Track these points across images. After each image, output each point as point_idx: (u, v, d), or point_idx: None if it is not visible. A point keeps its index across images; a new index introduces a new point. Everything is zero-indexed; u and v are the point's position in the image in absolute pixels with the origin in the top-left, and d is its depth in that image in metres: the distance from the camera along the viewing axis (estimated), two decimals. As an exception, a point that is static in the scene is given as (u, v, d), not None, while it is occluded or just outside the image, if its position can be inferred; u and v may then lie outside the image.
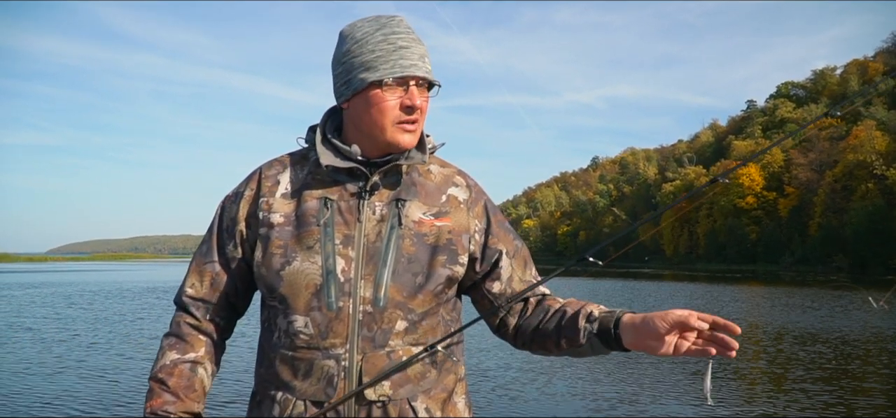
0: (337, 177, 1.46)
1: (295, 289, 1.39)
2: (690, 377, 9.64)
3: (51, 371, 9.84)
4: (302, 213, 1.44)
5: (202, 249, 1.54)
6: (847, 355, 11.60)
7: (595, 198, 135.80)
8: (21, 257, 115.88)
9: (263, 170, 1.52)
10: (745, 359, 11.35)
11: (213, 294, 1.51)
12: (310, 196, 1.45)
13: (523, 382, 9.23)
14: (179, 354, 1.48)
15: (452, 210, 1.52)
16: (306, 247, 1.40)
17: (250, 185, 1.51)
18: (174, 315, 1.55)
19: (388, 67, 1.39)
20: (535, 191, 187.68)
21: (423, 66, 1.42)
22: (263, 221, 1.45)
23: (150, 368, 1.49)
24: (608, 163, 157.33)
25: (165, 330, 1.54)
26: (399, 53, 1.40)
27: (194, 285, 1.51)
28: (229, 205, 1.52)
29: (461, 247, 1.51)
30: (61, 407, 7.75)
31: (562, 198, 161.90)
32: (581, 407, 7.93)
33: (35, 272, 53.27)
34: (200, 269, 1.52)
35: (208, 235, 1.54)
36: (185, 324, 1.51)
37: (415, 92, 1.41)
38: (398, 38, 1.41)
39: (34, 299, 23.41)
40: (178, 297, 1.54)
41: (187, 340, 1.50)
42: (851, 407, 8.01)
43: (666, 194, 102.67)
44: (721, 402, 8.16)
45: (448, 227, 1.50)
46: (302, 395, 1.39)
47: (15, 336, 13.66)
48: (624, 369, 10.20)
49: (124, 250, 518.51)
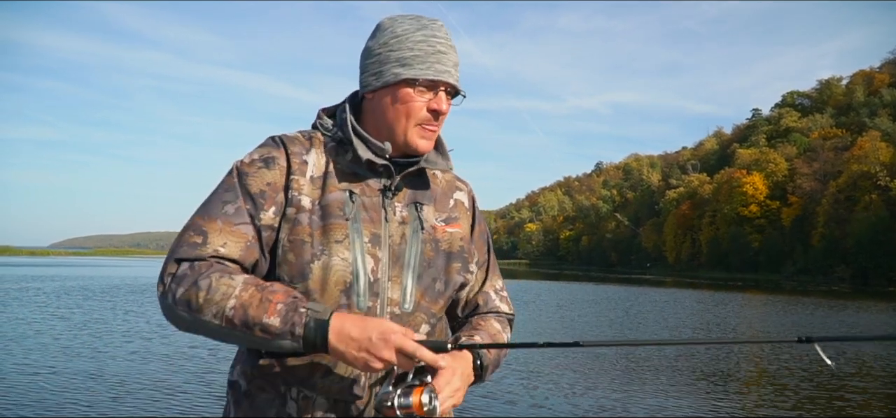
0: (359, 170, 1.44)
1: (324, 284, 1.35)
2: (691, 377, 9.58)
3: (56, 367, 9.81)
4: (328, 203, 1.39)
5: (225, 209, 1.37)
6: (846, 373, 11.53)
7: (598, 203, 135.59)
8: (23, 251, 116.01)
9: (287, 144, 1.43)
10: (743, 368, 11.29)
11: (247, 259, 1.36)
12: (334, 185, 1.41)
13: (521, 384, 9.18)
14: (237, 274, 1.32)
15: (461, 216, 1.56)
16: (335, 241, 1.36)
17: (278, 155, 1.42)
18: (194, 265, 1.31)
19: (424, 68, 1.39)
20: (538, 195, 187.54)
21: (454, 75, 1.42)
22: (293, 201, 1.38)
23: (211, 310, 1.27)
24: (612, 168, 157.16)
25: (186, 287, 1.29)
26: (436, 57, 1.40)
27: (226, 244, 1.34)
28: (257, 169, 1.40)
29: (470, 255, 1.56)
30: (65, 405, 7.72)
31: (565, 203, 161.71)
32: (580, 410, 7.89)
33: (37, 266, 53.32)
34: (231, 229, 1.35)
35: (231, 196, 1.38)
36: (223, 264, 1.33)
37: (443, 97, 1.42)
38: (438, 42, 1.41)
39: (38, 292, 23.42)
40: (199, 254, 1.32)
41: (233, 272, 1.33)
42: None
43: (669, 201, 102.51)
44: (717, 410, 8.11)
45: (459, 234, 1.53)
46: (324, 393, 1.36)
47: (17, 330, 13.66)
48: (624, 370, 10.15)
49: (126, 246, 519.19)
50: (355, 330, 1.26)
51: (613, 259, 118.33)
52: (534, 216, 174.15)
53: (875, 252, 59.64)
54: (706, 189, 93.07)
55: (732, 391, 9.45)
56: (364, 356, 1.26)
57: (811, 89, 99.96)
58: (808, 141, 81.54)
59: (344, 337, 1.26)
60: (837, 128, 79.55)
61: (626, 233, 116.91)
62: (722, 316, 21.29)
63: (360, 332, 1.26)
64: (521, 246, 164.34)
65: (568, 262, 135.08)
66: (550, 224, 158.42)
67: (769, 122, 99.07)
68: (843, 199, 68.31)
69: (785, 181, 79.51)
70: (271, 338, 1.26)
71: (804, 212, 74.69)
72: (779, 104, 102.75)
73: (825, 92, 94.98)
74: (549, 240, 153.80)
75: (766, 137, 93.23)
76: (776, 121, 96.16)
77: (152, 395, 8.07)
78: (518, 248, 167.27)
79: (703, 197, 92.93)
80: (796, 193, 76.19)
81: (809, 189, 73.75)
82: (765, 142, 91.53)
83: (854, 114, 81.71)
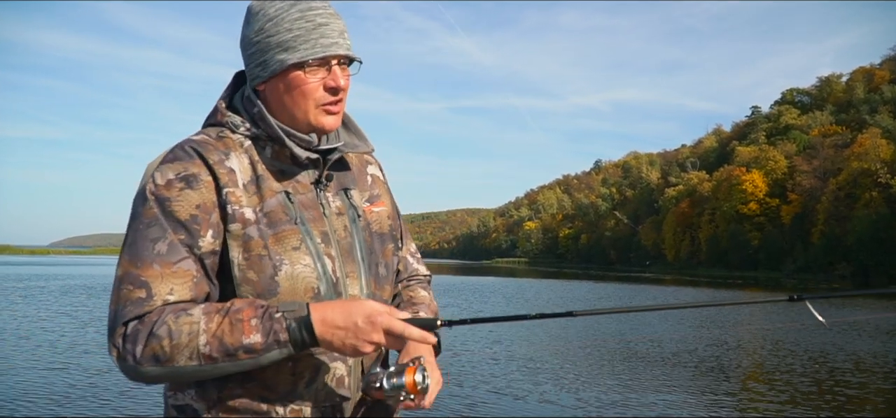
0: (285, 166, 1.35)
1: (295, 295, 1.27)
2: (691, 377, 9.65)
3: (58, 365, 9.88)
4: (271, 209, 1.29)
5: (157, 249, 1.22)
6: (846, 369, 11.60)
7: (597, 201, 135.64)
8: (24, 250, 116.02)
9: (203, 153, 1.28)
10: (744, 366, 11.37)
11: (198, 297, 1.26)
12: (269, 189, 1.31)
13: (522, 381, 9.25)
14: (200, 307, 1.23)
15: (381, 192, 1.50)
16: (292, 248, 1.28)
17: (198, 170, 1.27)
18: (143, 319, 1.20)
19: (309, 47, 1.29)
20: (537, 193, 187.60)
21: (344, 43, 1.32)
22: (235, 216, 1.26)
23: (176, 352, 1.18)
24: (611, 166, 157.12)
25: (143, 339, 1.19)
26: (319, 32, 1.30)
27: (173, 290, 1.22)
28: (179, 192, 1.25)
29: (398, 232, 1.51)
30: (77, 401, 7.78)
31: (564, 201, 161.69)
32: (579, 408, 7.96)
33: (38, 265, 53.37)
34: (172, 271, 1.22)
35: (157, 230, 1.23)
36: (179, 305, 1.23)
37: (338, 72, 1.32)
38: (316, 14, 1.31)
39: (41, 290, 23.48)
40: (146, 310, 1.21)
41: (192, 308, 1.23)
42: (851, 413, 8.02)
43: (669, 198, 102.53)
44: (719, 407, 8.17)
45: (386, 212, 1.48)
46: (312, 401, 1.30)
47: (23, 327, 13.72)
48: (623, 369, 10.21)
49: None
50: (339, 317, 1.21)
51: (612, 257, 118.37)
52: (533, 214, 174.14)
53: (876, 249, 59.70)
54: (705, 187, 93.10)
55: (735, 389, 9.51)
56: (353, 341, 1.21)
57: (811, 86, 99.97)
58: (808, 138, 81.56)
59: (329, 326, 1.21)
60: (837, 126, 79.59)
61: (626, 231, 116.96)
62: (721, 312, 21.36)
63: (344, 318, 1.21)
64: (521, 244, 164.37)
65: (567, 260, 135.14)
66: (549, 222, 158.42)
67: (769, 120, 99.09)
68: (843, 197, 68.36)
69: (785, 179, 79.54)
70: (258, 356, 1.19)
71: (804, 209, 74.74)
72: (778, 101, 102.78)
73: (825, 89, 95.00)
74: (549, 238, 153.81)
75: (766, 135, 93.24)
76: (776, 119, 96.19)
77: (159, 389, 8.13)
78: (517, 246, 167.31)
79: (703, 195, 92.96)
80: (796, 191, 76.23)
81: (809, 186, 73.80)
82: (764, 139, 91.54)
83: (854, 111, 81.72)
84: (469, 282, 39.18)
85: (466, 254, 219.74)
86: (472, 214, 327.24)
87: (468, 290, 30.97)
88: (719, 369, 10.80)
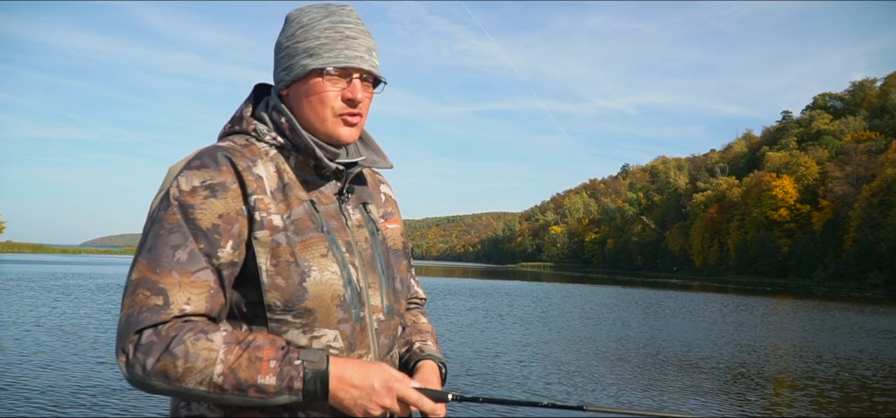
0: (309, 176, 1.37)
1: (322, 302, 1.27)
2: (686, 376, 9.62)
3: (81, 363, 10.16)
4: (298, 217, 1.31)
5: (177, 257, 1.21)
6: (883, 375, 11.47)
7: (624, 205, 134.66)
8: (57, 249, 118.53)
9: (232, 159, 1.29)
10: (777, 374, 11.29)
11: (214, 309, 1.25)
12: (296, 197, 1.33)
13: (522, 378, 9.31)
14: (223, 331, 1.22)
15: (394, 211, 1.55)
16: (320, 255, 1.29)
17: (226, 178, 1.27)
18: (159, 330, 1.18)
19: (332, 56, 1.32)
20: (563, 197, 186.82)
21: (368, 60, 1.35)
22: (263, 223, 1.27)
23: (192, 378, 1.16)
24: (639, 171, 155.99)
25: (161, 351, 1.17)
26: (345, 43, 1.33)
27: (190, 300, 1.21)
28: (203, 200, 1.24)
29: (408, 249, 1.55)
30: (121, 393, 8.02)
31: (590, 206, 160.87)
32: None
33: (72, 264, 54.53)
34: (190, 281, 1.21)
35: (178, 237, 1.22)
36: (190, 321, 1.22)
37: (357, 85, 1.34)
38: (346, 27, 1.34)
39: (79, 288, 24.05)
40: (162, 318, 1.19)
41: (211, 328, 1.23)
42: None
43: (697, 204, 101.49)
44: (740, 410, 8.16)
45: (399, 230, 1.52)
46: (338, 412, 1.29)
47: (69, 321, 14.12)
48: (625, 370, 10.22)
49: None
50: (357, 377, 1.22)
51: (639, 262, 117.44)
52: (559, 218, 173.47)
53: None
54: (735, 192, 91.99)
55: (760, 396, 9.48)
56: (364, 403, 1.22)
57: (844, 91, 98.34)
58: (841, 144, 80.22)
59: (345, 384, 1.21)
60: (871, 131, 78.16)
61: (653, 237, 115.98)
62: (749, 321, 21.17)
63: (361, 379, 1.22)
64: (546, 248, 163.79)
65: (593, 265, 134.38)
66: (575, 226, 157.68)
67: (800, 125, 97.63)
68: (876, 204, 67.12)
69: (816, 185, 78.32)
70: (268, 397, 1.18)
71: (836, 216, 73.51)
72: (810, 106, 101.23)
73: (858, 93, 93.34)
74: (575, 242, 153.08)
75: (797, 140, 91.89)
76: (807, 124, 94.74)
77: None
78: (542, 251, 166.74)
79: (732, 200, 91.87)
80: (828, 197, 74.99)
81: (842, 193, 72.55)
82: (795, 144, 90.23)
83: (889, 116, 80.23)
84: (495, 286, 39.23)
85: (492, 258, 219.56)
86: (498, 218, 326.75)
87: (495, 293, 31.04)
88: (748, 378, 10.73)
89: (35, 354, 10.34)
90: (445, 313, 19.67)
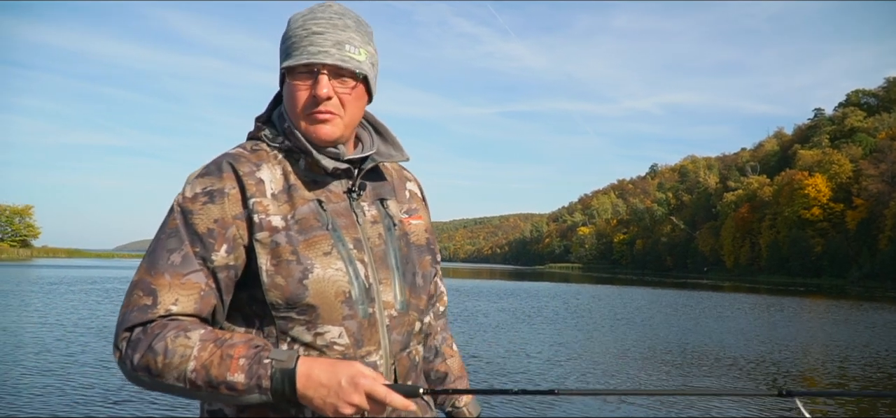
0: (318, 176, 1.38)
1: (325, 299, 1.29)
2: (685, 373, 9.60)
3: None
4: (303, 216, 1.32)
5: (171, 260, 1.26)
6: None
7: (653, 206, 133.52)
8: (91, 253, 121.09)
9: (235, 166, 1.32)
10: (821, 379, 11.24)
11: (204, 310, 1.28)
12: (301, 198, 1.34)
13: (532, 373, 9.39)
14: (200, 328, 1.24)
15: (419, 207, 1.54)
16: (323, 253, 1.30)
17: (225, 184, 1.31)
18: (147, 329, 1.23)
19: (297, 54, 1.31)
20: (591, 198, 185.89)
21: (335, 54, 1.31)
22: (262, 225, 1.29)
23: (165, 370, 1.20)
24: (667, 170, 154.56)
25: (143, 348, 1.21)
26: (310, 40, 1.31)
27: (178, 301, 1.24)
28: (201, 206, 1.29)
29: (435, 245, 1.55)
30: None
31: (618, 206, 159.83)
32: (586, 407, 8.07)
33: (106, 268, 55.75)
34: (180, 282, 1.25)
35: (175, 241, 1.27)
36: (177, 320, 1.25)
37: (322, 80, 1.30)
38: (315, 23, 1.32)
39: (117, 291, 24.66)
40: (149, 317, 1.23)
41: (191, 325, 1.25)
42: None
43: (727, 203, 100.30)
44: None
45: (423, 226, 1.51)
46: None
47: (107, 323, 14.56)
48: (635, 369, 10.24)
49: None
50: (324, 375, 1.21)
51: (669, 263, 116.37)
52: (587, 219, 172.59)
53: (947, 256, 57.24)
54: (766, 191, 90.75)
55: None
56: (333, 401, 1.20)
57: (878, 88, 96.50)
58: (875, 141, 78.70)
59: (313, 383, 1.20)
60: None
61: (682, 237, 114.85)
62: (781, 320, 20.98)
63: (328, 377, 1.20)
64: (574, 249, 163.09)
65: (622, 266, 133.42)
66: (604, 227, 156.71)
67: (832, 122, 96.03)
68: (912, 202, 65.76)
69: (849, 183, 76.96)
70: (238, 395, 1.20)
71: (870, 215, 72.14)
72: (843, 103, 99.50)
73: (893, 90, 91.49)
74: (603, 243, 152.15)
75: (830, 138, 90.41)
76: (840, 121, 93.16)
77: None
78: (571, 252, 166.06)
79: (763, 199, 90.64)
80: (862, 196, 73.65)
81: (876, 191, 71.18)
82: (828, 142, 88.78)
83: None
84: (523, 288, 39.28)
85: (519, 259, 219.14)
86: (525, 219, 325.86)
87: (524, 294, 31.12)
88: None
89: (81, 353, 10.73)
90: (474, 314, 19.82)
